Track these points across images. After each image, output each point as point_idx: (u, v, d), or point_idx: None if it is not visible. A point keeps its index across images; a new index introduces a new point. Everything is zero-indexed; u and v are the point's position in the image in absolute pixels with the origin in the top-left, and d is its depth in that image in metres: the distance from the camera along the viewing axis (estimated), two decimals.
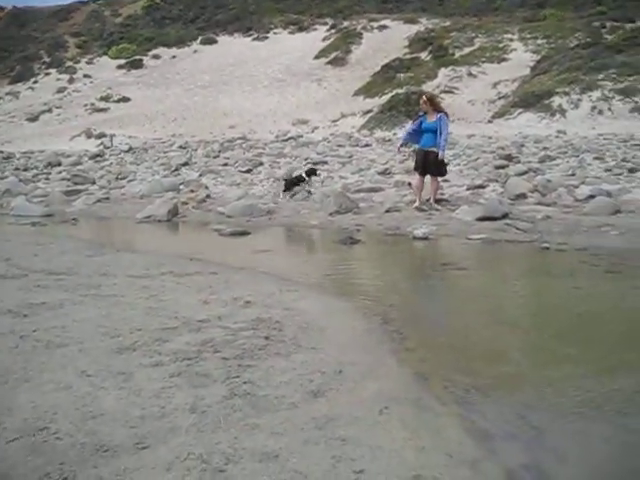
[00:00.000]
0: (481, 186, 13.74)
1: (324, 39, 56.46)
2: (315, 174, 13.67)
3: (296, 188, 13.83)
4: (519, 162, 17.33)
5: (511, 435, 3.56)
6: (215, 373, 4.25)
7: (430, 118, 11.99)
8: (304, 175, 13.69)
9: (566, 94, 30.93)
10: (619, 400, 3.94)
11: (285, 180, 13.71)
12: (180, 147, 29.75)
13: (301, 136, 32.32)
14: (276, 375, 4.27)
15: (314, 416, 3.70)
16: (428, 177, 12.02)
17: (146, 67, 59.95)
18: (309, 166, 14.43)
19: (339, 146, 26.08)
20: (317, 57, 53.15)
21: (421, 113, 12.36)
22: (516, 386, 4.20)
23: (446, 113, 12.37)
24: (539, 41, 43.80)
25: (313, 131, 35.24)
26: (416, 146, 12.51)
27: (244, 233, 10.49)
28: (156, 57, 61.97)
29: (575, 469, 3.25)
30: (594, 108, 29.54)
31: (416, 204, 11.84)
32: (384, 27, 56.18)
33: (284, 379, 4.22)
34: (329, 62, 51.64)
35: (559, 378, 4.31)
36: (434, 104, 12.28)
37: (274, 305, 6.00)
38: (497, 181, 14.22)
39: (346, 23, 58.51)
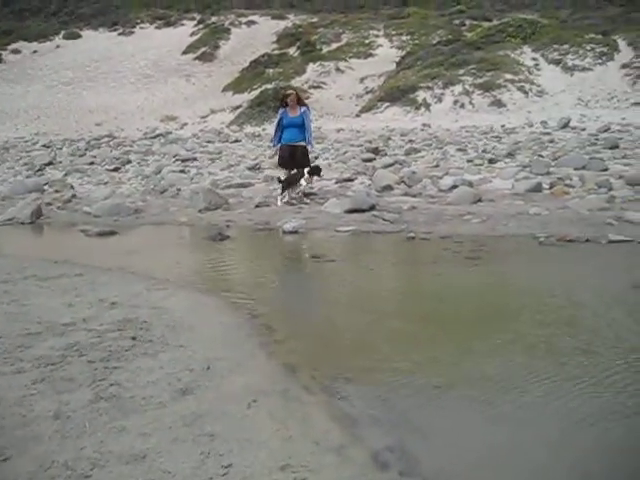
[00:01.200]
0: (349, 179, 13.98)
1: (192, 34, 55.75)
2: (319, 174, 12.42)
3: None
4: (386, 155, 17.75)
5: (376, 419, 3.66)
6: (80, 377, 4.15)
7: (293, 112, 12.03)
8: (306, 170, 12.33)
9: (429, 89, 31.92)
10: (479, 379, 4.12)
11: (281, 181, 12.33)
12: (44, 146, 28.59)
13: (170, 133, 31.78)
14: (143, 375, 4.21)
15: (182, 414, 3.68)
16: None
17: (5, 62, 57.21)
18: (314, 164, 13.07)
19: (208, 142, 25.86)
20: (185, 52, 52.43)
21: (281, 110, 12.32)
22: (382, 372, 4.31)
23: (307, 106, 12.53)
24: (403, 37, 44.98)
25: (182, 127, 34.73)
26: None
27: (112, 233, 10.22)
28: (16, 52, 59.19)
29: (438, 446, 3.37)
30: (456, 102, 30.63)
31: (286, 199, 11.90)
32: (252, 23, 56.13)
33: (151, 379, 4.17)
34: (197, 57, 51.07)
35: (422, 361, 4.46)
36: (299, 98, 12.37)
37: (141, 305, 5.90)
38: (365, 174, 14.51)
39: (214, 18, 58.02)
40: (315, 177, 12.21)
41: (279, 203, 11.74)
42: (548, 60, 34.22)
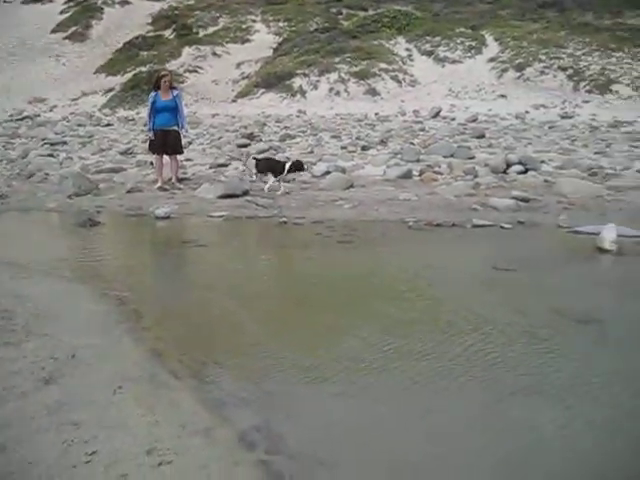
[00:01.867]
0: (224, 164, 13.89)
1: (62, 12, 53.48)
2: (302, 169, 11.43)
3: (269, 176, 11.36)
4: (261, 141, 17.73)
5: (244, 401, 3.69)
6: None
7: (165, 96, 11.75)
8: (287, 166, 11.20)
9: (306, 76, 32.09)
10: (345, 359, 4.22)
11: (258, 160, 11.58)
12: None
13: (38, 115, 30.55)
14: (5, 365, 4.08)
15: (45, 403, 3.60)
16: (167, 156, 11.91)
17: None
18: (297, 158, 11.89)
19: (79, 125, 25.00)
20: (54, 31, 50.23)
21: (152, 93, 12.01)
22: (252, 354, 4.35)
23: (178, 89, 12.35)
24: (281, 24, 44.88)
25: (51, 110, 33.43)
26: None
27: None
28: None
29: (304, 424, 3.45)
30: (332, 89, 30.94)
31: (158, 184, 11.68)
32: (126, 2, 54.34)
33: (14, 369, 4.04)
34: (68, 37, 49.05)
35: (291, 343, 4.53)
36: (171, 82, 12.14)
37: (4, 293, 5.69)
38: (239, 159, 14.45)
39: None
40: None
41: (266, 189, 11.10)
42: (421, 51, 35.10)
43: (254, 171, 11.72)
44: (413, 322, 4.95)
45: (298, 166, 11.27)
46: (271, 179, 11.10)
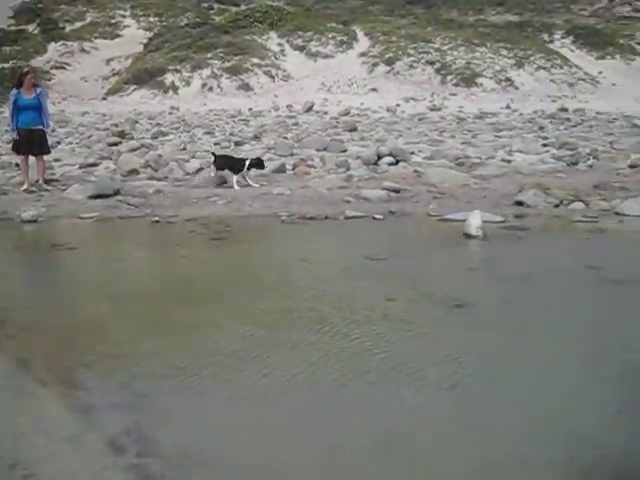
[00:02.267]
0: (94, 164, 13.49)
1: None
2: (262, 167, 11.18)
3: (226, 171, 11.10)
4: (132, 138, 17.37)
5: (114, 405, 3.60)
6: None
7: (28, 94, 11.23)
8: (247, 162, 10.94)
9: (178, 71, 31.71)
10: (218, 357, 4.20)
11: (216, 156, 11.29)
12: None
13: None
14: None
15: None
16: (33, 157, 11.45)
17: None
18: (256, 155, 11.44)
19: None
20: None
21: (14, 91, 11.50)
22: (122, 357, 4.25)
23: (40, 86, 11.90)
24: (151, 19, 44.15)
25: None
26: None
27: None
28: None
29: (176, 426, 3.40)
30: (205, 85, 30.73)
31: (25, 186, 11.19)
32: None
33: None
34: None
35: (164, 344, 4.46)
36: (35, 79, 11.67)
37: None
38: (110, 158, 14.10)
39: None
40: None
41: (236, 187, 10.75)
42: (293, 46, 35.38)
43: (212, 168, 11.41)
44: (284, 314, 4.98)
45: (258, 163, 11.09)
46: (234, 177, 10.90)
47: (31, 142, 11.20)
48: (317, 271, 6.29)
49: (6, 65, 35.79)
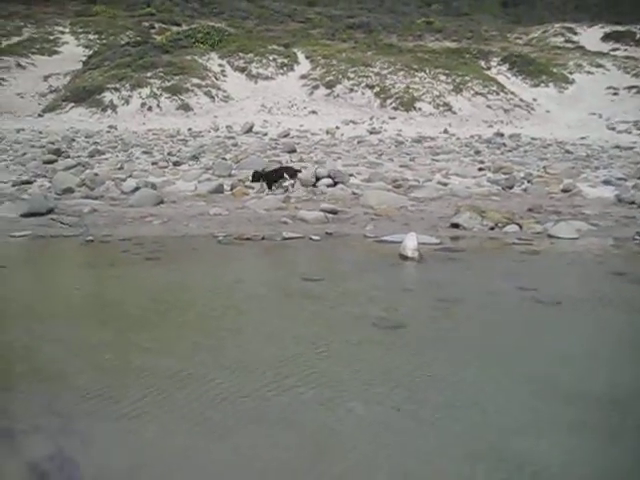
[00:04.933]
0: (28, 182, 13.21)
1: None
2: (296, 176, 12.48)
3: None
4: (69, 157, 17.06)
5: (37, 429, 3.49)
6: None
7: None
8: (286, 175, 12.38)
9: (117, 90, 31.31)
10: (146, 378, 4.12)
11: (264, 175, 12.35)
12: None
13: None
14: None
15: None
16: None
17: None
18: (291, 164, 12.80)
19: None
20: None
21: None
22: (47, 380, 4.14)
23: None
24: (91, 36, 43.58)
25: None
26: None
27: None
28: None
29: (99, 449, 3.32)
30: (144, 104, 30.40)
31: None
32: None
33: None
34: None
35: (91, 366, 4.36)
36: None
37: None
38: (45, 176, 13.83)
39: None
40: None
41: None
42: (234, 67, 35.35)
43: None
44: (219, 337, 4.93)
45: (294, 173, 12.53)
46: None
47: None
48: (251, 292, 6.27)
49: None
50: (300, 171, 12.86)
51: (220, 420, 3.60)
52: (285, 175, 12.39)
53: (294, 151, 18.05)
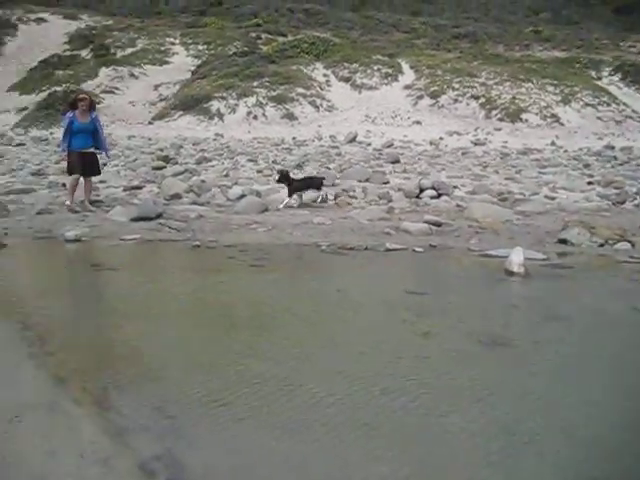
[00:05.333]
0: (138, 187, 13.70)
1: None
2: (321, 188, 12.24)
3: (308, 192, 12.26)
4: (177, 163, 17.58)
5: (146, 428, 3.59)
6: None
7: (84, 118, 11.45)
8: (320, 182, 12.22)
9: (224, 99, 32.08)
10: (252, 384, 4.17)
11: (288, 179, 11.97)
12: None
13: None
14: None
15: None
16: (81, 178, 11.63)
17: None
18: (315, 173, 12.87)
19: None
20: None
21: (69, 113, 11.73)
22: (156, 380, 4.25)
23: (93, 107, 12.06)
24: (200, 47, 44.84)
25: None
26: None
27: None
28: None
29: (204, 451, 3.37)
30: (250, 113, 31.01)
31: (67, 202, 11.33)
32: (42, 20, 53.30)
33: None
34: None
35: (199, 369, 4.44)
36: (92, 103, 11.86)
37: None
38: (154, 182, 14.28)
39: None
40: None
41: (281, 206, 11.63)
42: (338, 77, 35.64)
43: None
44: (321, 346, 4.94)
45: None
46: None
47: (83, 164, 11.39)
48: (355, 303, 6.25)
49: (58, 88, 36.59)
50: (324, 178, 12.73)
51: (323, 427, 3.60)
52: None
53: (397, 161, 18.00)
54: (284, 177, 11.83)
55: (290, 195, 11.79)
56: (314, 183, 12.13)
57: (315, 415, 3.75)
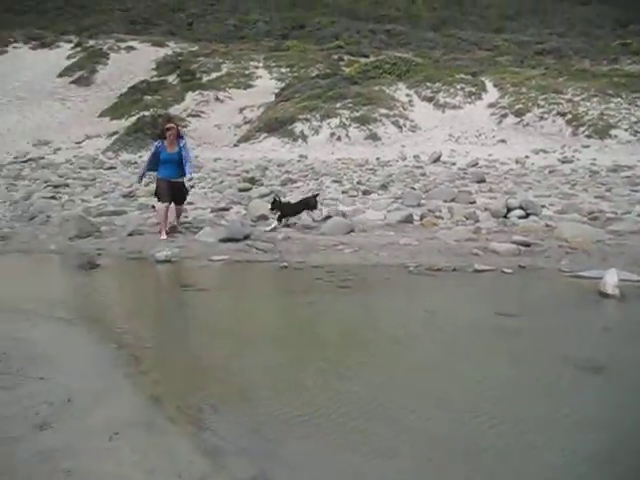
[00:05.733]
0: (225, 208, 13.93)
1: (69, 57, 54.14)
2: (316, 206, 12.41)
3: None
4: (262, 185, 17.80)
5: (242, 449, 3.64)
6: None
7: (172, 148, 11.62)
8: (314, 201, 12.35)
9: (307, 120, 32.34)
10: (347, 408, 4.16)
11: (280, 205, 12.08)
12: None
13: (42, 158, 30.73)
14: None
15: (38, 450, 3.54)
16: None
17: None
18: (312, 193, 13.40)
19: (82, 168, 25.15)
20: (61, 75, 50.82)
21: (158, 143, 11.89)
22: (249, 401, 4.30)
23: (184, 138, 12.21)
24: (283, 70, 45.43)
25: (55, 152, 33.60)
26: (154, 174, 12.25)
27: None
28: None
29: (300, 474, 3.38)
30: (333, 134, 31.15)
31: (163, 236, 11.23)
32: (131, 48, 55.14)
33: (7, 413, 4.00)
34: (73, 81, 49.61)
35: (290, 391, 4.47)
36: (178, 132, 12.04)
37: (1, 336, 5.65)
38: (240, 203, 14.50)
39: (92, 42, 56.67)
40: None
41: (267, 229, 11.65)
42: (421, 97, 35.47)
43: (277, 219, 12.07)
44: (411, 368, 4.90)
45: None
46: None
47: (172, 192, 11.58)
48: (445, 325, 6.18)
49: (147, 113, 37.67)
50: (318, 194, 12.85)
51: (419, 453, 3.57)
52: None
53: (483, 181, 17.77)
54: (276, 205, 11.96)
55: (279, 220, 11.94)
56: (309, 204, 12.23)
57: (411, 440, 3.73)
